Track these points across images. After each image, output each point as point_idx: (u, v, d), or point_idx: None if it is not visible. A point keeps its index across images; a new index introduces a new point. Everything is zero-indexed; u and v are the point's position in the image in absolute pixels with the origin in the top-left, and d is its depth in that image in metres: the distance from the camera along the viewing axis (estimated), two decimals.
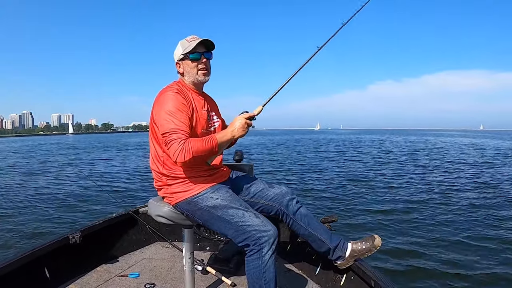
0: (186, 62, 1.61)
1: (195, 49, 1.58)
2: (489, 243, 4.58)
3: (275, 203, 1.71)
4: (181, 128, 1.45)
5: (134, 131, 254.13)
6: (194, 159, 1.43)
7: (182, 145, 1.40)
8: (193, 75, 1.62)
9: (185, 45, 1.59)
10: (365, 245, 1.78)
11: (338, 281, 1.89)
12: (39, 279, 1.90)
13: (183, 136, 1.43)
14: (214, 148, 1.49)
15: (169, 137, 1.43)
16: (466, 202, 7.22)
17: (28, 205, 7.48)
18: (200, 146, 1.44)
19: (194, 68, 1.61)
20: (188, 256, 1.71)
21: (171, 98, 1.51)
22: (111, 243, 2.47)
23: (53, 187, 9.84)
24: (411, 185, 9.42)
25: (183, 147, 1.40)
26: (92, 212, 6.67)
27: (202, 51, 1.60)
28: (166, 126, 1.45)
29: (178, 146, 1.40)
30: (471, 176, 11.11)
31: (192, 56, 1.59)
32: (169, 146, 1.43)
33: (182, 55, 1.60)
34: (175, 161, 1.42)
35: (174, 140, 1.41)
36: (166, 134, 1.45)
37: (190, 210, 1.56)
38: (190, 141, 1.42)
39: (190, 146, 1.41)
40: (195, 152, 1.41)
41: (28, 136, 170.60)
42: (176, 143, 1.41)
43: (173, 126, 1.44)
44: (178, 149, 1.40)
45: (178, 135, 1.42)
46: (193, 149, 1.41)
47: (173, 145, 1.41)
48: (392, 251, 4.27)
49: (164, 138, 1.46)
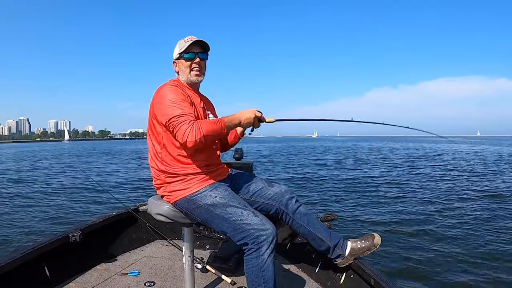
0: (181, 61, 1.64)
1: (189, 49, 1.60)
2: (490, 243, 4.58)
3: (274, 202, 1.71)
4: (187, 111, 1.46)
5: (131, 138, 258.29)
6: (205, 139, 1.42)
7: (192, 125, 1.40)
8: (186, 75, 1.64)
9: (182, 45, 1.62)
10: (365, 244, 1.78)
11: (338, 279, 1.89)
12: (39, 277, 1.90)
13: (191, 117, 1.44)
14: (223, 129, 1.49)
15: (177, 120, 1.43)
16: (466, 202, 7.23)
17: (28, 204, 7.50)
18: (209, 126, 1.44)
19: (188, 68, 1.63)
20: (188, 255, 1.71)
21: (171, 91, 1.53)
22: (111, 242, 2.47)
23: (52, 187, 9.86)
24: (411, 186, 9.43)
25: (193, 127, 1.40)
26: (92, 210, 6.68)
27: (197, 51, 1.62)
28: (171, 112, 1.45)
29: (188, 126, 1.40)
30: (471, 180, 11.12)
31: (186, 56, 1.61)
32: (178, 128, 1.42)
33: (178, 54, 1.63)
34: (185, 141, 1.40)
35: (183, 122, 1.42)
36: (173, 118, 1.44)
37: (189, 208, 1.56)
38: (199, 122, 1.44)
39: (200, 126, 1.41)
40: (205, 131, 1.41)
41: (24, 142, 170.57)
42: (186, 123, 1.41)
43: (180, 111, 1.45)
44: (188, 129, 1.40)
45: (186, 117, 1.43)
46: (203, 128, 1.41)
47: (183, 126, 1.41)
48: (392, 250, 4.27)
49: (171, 123, 1.45)
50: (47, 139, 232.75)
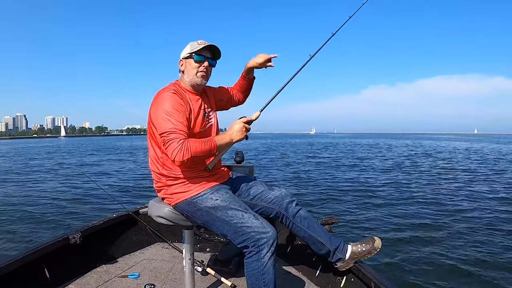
0: (189, 61, 1.64)
1: (201, 52, 1.61)
2: (494, 247, 4.55)
3: (274, 206, 1.71)
4: (179, 128, 1.45)
5: (128, 134, 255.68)
6: (193, 159, 1.43)
7: (181, 144, 1.40)
8: (192, 75, 1.64)
9: (193, 46, 1.62)
10: (365, 247, 1.78)
11: (338, 283, 1.89)
12: (39, 279, 1.90)
13: (181, 136, 1.43)
14: (212, 149, 1.50)
15: (167, 136, 1.44)
16: (469, 204, 7.20)
17: (28, 205, 7.50)
18: (198, 147, 1.44)
19: (195, 69, 1.63)
20: (188, 257, 1.71)
21: (168, 99, 1.52)
22: (111, 244, 2.47)
23: (52, 188, 9.86)
24: (412, 187, 9.41)
25: (182, 147, 1.40)
26: (92, 212, 6.67)
27: (207, 56, 1.63)
28: (164, 126, 1.46)
29: (177, 145, 1.40)
30: (472, 181, 11.09)
31: (196, 57, 1.62)
32: (168, 146, 1.43)
33: (188, 53, 1.63)
34: (173, 160, 1.42)
35: (172, 140, 1.42)
36: (164, 134, 1.45)
37: (190, 210, 1.56)
38: (189, 141, 1.43)
39: (189, 146, 1.41)
40: (193, 152, 1.42)
41: (21, 138, 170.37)
42: (175, 142, 1.41)
43: (171, 126, 1.44)
44: (177, 148, 1.40)
45: (177, 135, 1.43)
46: (192, 149, 1.41)
47: (172, 144, 1.41)
48: (393, 253, 4.25)
49: (162, 138, 1.46)
50: (44, 135, 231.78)
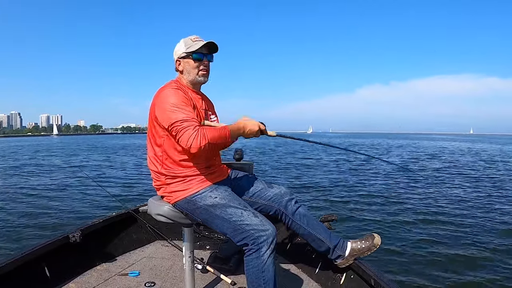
0: (188, 61, 1.60)
1: (199, 50, 1.58)
2: (493, 244, 4.57)
3: (274, 203, 1.71)
4: (191, 116, 1.43)
5: (122, 133, 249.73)
6: (209, 146, 1.40)
7: (197, 131, 1.38)
8: (193, 75, 1.61)
9: (189, 44, 1.59)
10: (365, 244, 1.78)
11: (338, 280, 1.89)
12: (39, 278, 1.90)
13: (195, 123, 1.41)
14: (227, 137, 1.48)
15: (180, 125, 1.41)
16: (468, 201, 7.22)
17: (27, 203, 7.50)
18: (215, 133, 1.43)
19: (196, 68, 1.60)
20: (188, 255, 1.71)
21: (173, 94, 1.50)
22: (111, 242, 2.47)
23: (52, 187, 9.85)
24: (411, 185, 9.42)
25: (198, 133, 1.38)
26: (92, 211, 6.68)
27: (205, 53, 1.61)
28: (174, 116, 1.43)
29: (193, 131, 1.38)
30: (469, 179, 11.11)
31: (195, 56, 1.59)
32: (182, 133, 1.39)
33: (184, 53, 1.60)
34: (189, 147, 1.38)
35: (187, 127, 1.39)
36: (176, 123, 1.42)
37: (189, 209, 1.56)
38: (205, 128, 1.42)
39: (205, 132, 1.39)
40: (210, 139, 1.39)
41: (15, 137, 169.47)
42: (191, 129, 1.38)
43: (183, 115, 1.42)
44: (193, 135, 1.37)
45: (191, 122, 1.40)
46: (209, 135, 1.39)
47: (187, 131, 1.38)
48: (392, 250, 4.27)
49: (174, 127, 1.42)
50: (38, 133, 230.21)
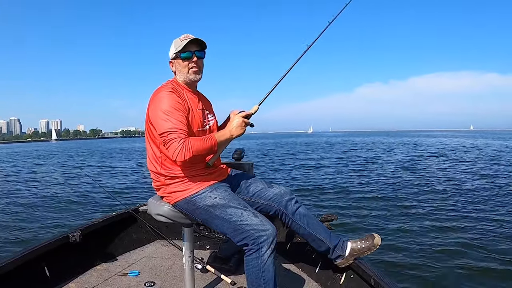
0: (178, 61, 1.61)
1: (186, 48, 1.57)
2: (492, 243, 4.56)
3: (274, 203, 1.71)
4: (179, 127, 1.44)
5: (122, 137, 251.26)
6: (194, 158, 1.43)
7: (182, 144, 1.40)
8: (184, 74, 1.61)
9: (178, 44, 1.59)
10: (365, 244, 1.78)
11: (338, 280, 1.89)
12: (39, 277, 1.90)
13: (182, 135, 1.42)
14: (213, 147, 1.50)
15: (167, 136, 1.43)
16: (471, 199, 7.19)
17: (27, 204, 7.50)
18: (200, 145, 1.44)
19: (185, 67, 1.60)
20: (188, 255, 1.71)
21: (166, 97, 1.50)
22: (111, 242, 2.47)
23: (52, 187, 9.85)
24: (411, 184, 9.42)
25: (183, 146, 1.39)
26: (92, 210, 6.68)
27: (194, 50, 1.59)
28: (163, 126, 1.45)
29: (178, 145, 1.40)
30: (472, 176, 11.10)
31: (183, 55, 1.58)
32: (169, 145, 1.42)
33: (174, 54, 1.60)
34: (175, 160, 1.42)
35: (173, 140, 1.41)
36: (164, 133, 1.44)
37: (189, 209, 1.56)
38: (189, 140, 1.42)
39: (190, 145, 1.41)
40: (195, 151, 1.42)
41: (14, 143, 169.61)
42: (176, 142, 1.40)
43: (171, 125, 1.44)
44: (178, 148, 1.39)
45: (177, 134, 1.42)
46: (193, 148, 1.41)
47: (173, 144, 1.41)
48: (392, 250, 4.26)
49: (162, 138, 1.45)
50: (38, 139, 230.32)
